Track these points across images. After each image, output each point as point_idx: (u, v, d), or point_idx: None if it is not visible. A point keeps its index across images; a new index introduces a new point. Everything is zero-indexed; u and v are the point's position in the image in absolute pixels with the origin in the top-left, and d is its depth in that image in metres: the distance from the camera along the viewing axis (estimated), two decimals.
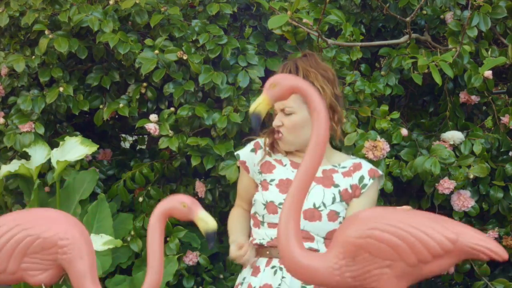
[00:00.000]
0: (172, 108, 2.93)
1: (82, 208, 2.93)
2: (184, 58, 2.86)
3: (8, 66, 3.05)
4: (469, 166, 2.78)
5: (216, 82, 2.83)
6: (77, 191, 2.96)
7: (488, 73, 2.81)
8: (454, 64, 2.80)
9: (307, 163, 1.85)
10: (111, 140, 3.50)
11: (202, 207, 1.89)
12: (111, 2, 2.97)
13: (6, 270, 1.90)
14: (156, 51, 2.87)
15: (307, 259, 1.80)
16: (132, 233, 2.99)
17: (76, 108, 3.03)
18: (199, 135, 2.94)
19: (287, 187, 2.31)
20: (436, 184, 2.78)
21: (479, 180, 2.88)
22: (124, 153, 3.40)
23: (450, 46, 2.87)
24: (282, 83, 1.86)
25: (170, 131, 2.88)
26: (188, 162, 2.97)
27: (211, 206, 3.08)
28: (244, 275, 2.38)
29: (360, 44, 2.91)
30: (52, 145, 3.01)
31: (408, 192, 3.05)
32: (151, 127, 2.87)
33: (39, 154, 2.95)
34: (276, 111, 2.38)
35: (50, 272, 1.91)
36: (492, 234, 2.89)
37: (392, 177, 2.81)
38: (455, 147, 2.87)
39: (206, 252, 3.04)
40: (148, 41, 2.92)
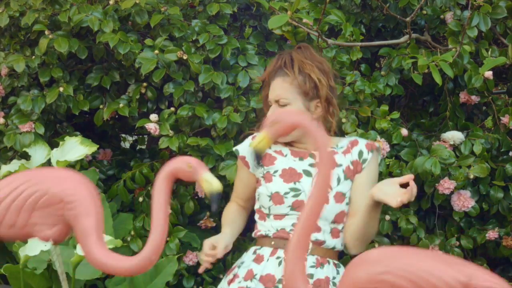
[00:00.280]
0: (172, 108, 2.93)
1: None
2: (184, 58, 2.86)
3: (8, 66, 3.05)
4: (469, 166, 2.78)
5: (216, 82, 2.83)
6: None
7: (488, 73, 2.81)
8: (454, 64, 2.80)
9: (312, 204, 1.85)
10: (111, 140, 3.50)
11: (207, 170, 1.89)
12: (111, 2, 2.97)
13: (16, 225, 1.92)
14: (156, 51, 2.87)
15: None
16: (132, 233, 2.99)
17: (76, 108, 3.03)
18: (199, 135, 2.94)
19: (291, 176, 2.32)
20: (436, 184, 2.78)
21: (479, 180, 2.88)
22: (124, 153, 3.40)
23: (450, 46, 2.87)
24: (284, 120, 1.87)
25: (170, 131, 2.88)
26: None
27: (211, 206, 3.07)
28: (243, 260, 2.36)
29: (360, 44, 2.91)
30: (52, 145, 3.01)
31: None
32: (151, 127, 2.87)
33: (39, 154, 2.95)
34: (270, 102, 2.38)
35: (57, 227, 1.92)
36: (492, 234, 2.90)
37: (392, 177, 2.80)
38: (455, 147, 2.87)
39: None
40: (148, 41, 2.92)
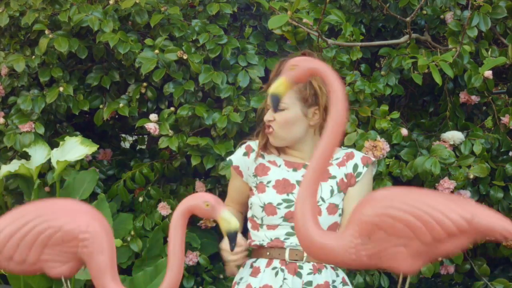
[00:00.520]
0: (172, 108, 2.93)
1: None
2: (184, 57, 2.86)
3: (8, 66, 3.05)
4: (469, 166, 2.78)
5: (216, 82, 2.83)
6: (77, 191, 2.95)
7: (488, 73, 2.81)
8: (454, 64, 2.80)
9: (325, 144, 1.85)
10: (111, 140, 3.50)
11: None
12: (111, 2, 2.97)
13: (26, 261, 1.89)
14: (156, 51, 2.87)
15: (323, 238, 1.80)
16: (132, 233, 2.99)
17: (76, 108, 3.03)
18: (199, 135, 2.94)
19: (284, 187, 2.30)
20: (436, 184, 2.78)
21: (479, 180, 2.88)
22: (124, 153, 3.40)
23: (450, 46, 2.87)
24: (301, 65, 1.86)
25: (170, 131, 2.88)
26: (188, 162, 2.98)
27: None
28: (241, 275, 2.36)
29: (360, 44, 2.91)
30: (52, 145, 3.01)
31: None
32: (151, 127, 2.87)
33: (39, 154, 2.95)
34: (268, 106, 2.37)
35: (70, 264, 1.90)
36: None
37: (392, 177, 2.81)
38: (455, 147, 2.87)
39: (206, 252, 3.04)
40: (148, 40, 2.92)
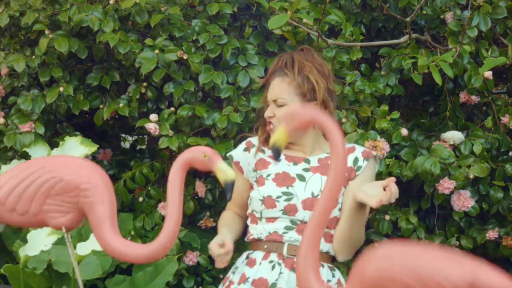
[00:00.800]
0: (172, 108, 2.93)
1: None
2: (184, 57, 2.86)
3: (8, 66, 3.05)
4: (469, 166, 2.78)
5: (216, 82, 2.83)
6: None
7: (488, 73, 2.81)
8: (454, 64, 2.80)
9: (326, 196, 1.85)
10: (111, 140, 3.51)
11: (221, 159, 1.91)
12: (111, 2, 2.97)
13: (29, 212, 1.91)
14: (156, 51, 2.87)
15: None
16: (132, 233, 2.99)
17: (76, 108, 3.03)
18: (199, 135, 2.94)
19: (284, 180, 2.31)
20: (436, 184, 2.78)
21: (479, 180, 2.88)
22: (124, 153, 3.40)
23: (450, 46, 2.87)
24: (300, 116, 1.89)
25: (170, 131, 2.88)
26: None
27: (211, 206, 3.08)
28: (236, 265, 2.35)
29: (360, 44, 2.91)
30: (52, 145, 3.01)
31: (408, 192, 3.05)
32: (151, 127, 2.87)
33: (39, 154, 2.95)
34: (268, 102, 2.38)
35: (71, 215, 1.92)
36: (492, 234, 2.90)
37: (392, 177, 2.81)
38: (455, 147, 2.87)
39: (206, 252, 3.03)
40: (148, 40, 2.92)
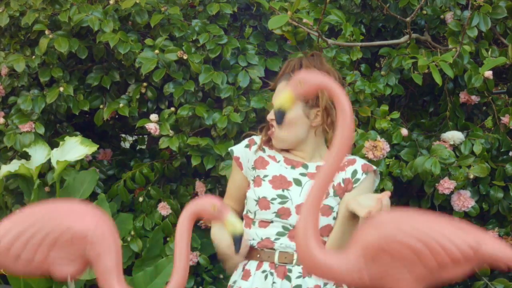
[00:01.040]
0: (172, 108, 2.93)
1: None
2: (184, 58, 2.86)
3: (8, 66, 3.05)
4: (469, 166, 2.78)
5: (216, 82, 2.83)
6: (77, 191, 2.95)
7: (488, 73, 2.82)
8: (454, 64, 2.80)
9: (330, 162, 1.83)
10: (111, 140, 3.50)
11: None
12: (111, 2, 2.97)
13: (33, 261, 1.89)
14: (156, 51, 2.87)
15: (326, 257, 1.79)
16: (132, 233, 2.99)
17: (76, 108, 3.03)
18: (199, 135, 2.94)
19: (281, 183, 2.30)
20: (436, 184, 2.78)
21: (479, 180, 2.88)
22: (124, 153, 3.40)
23: (450, 46, 2.87)
24: (309, 80, 1.83)
25: (170, 131, 2.88)
26: (188, 162, 2.97)
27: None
28: (234, 278, 2.36)
29: (360, 44, 2.91)
30: (52, 145, 3.01)
31: (408, 192, 3.05)
32: (151, 127, 2.87)
33: (39, 154, 2.95)
34: (271, 104, 2.38)
35: (76, 265, 1.90)
36: (492, 234, 2.90)
37: (392, 177, 2.81)
38: (455, 147, 2.87)
39: (206, 252, 3.04)
40: (148, 41, 2.92)
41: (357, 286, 1.80)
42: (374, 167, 2.37)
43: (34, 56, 3.04)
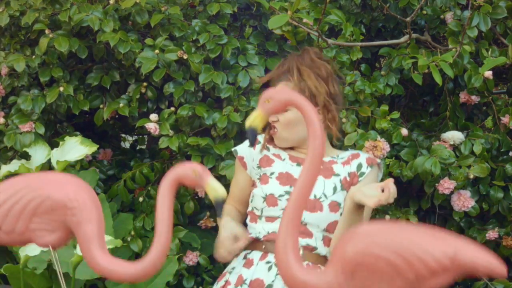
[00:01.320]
0: (172, 108, 2.93)
1: None
2: (184, 57, 2.86)
3: (8, 66, 3.04)
4: (469, 166, 2.78)
5: (216, 81, 2.83)
6: None
7: (488, 73, 2.82)
8: (454, 64, 2.80)
9: (304, 178, 1.84)
10: (111, 140, 3.50)
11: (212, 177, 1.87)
12: (111, 2, 2.97)
13: (15, 231, 1.88)
14: (157, 51, 2.87)
15: (305, 275, 1.78)
16: (132, 233, 2.99)
17: (76, 108, 3.03)
18: (199, 135, 2.94)
19: (288, 180, 2.31)
20: (436, 184, 2.78)
21: (479, 180, 2.88)
22: (124, 153, 3.40)
23: (450, 46, 2.87)
24: (276, 97, 1.87)
25: (170, 131, 2.88)
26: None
27: (211, 206, 3.08)
28: (233, 265, 2.35)
29: (360, 44, 2.91)
30: (52, 145, 3.01)
31: (408, 192, 3.05)
32: (151, 126, 2.87)
33: (39, 154, 2.95)
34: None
35: (58, 233, 1.89)
36: (492, 234, 2.90)
37: (392, 177, 2.80)
38: (455, 147, 2.87)
39: (206, 252, 3.04)
40: (148, 40, 2.92)
41: None
42: (378, 160, 2.40)
43: (34, 56, 3.04)
